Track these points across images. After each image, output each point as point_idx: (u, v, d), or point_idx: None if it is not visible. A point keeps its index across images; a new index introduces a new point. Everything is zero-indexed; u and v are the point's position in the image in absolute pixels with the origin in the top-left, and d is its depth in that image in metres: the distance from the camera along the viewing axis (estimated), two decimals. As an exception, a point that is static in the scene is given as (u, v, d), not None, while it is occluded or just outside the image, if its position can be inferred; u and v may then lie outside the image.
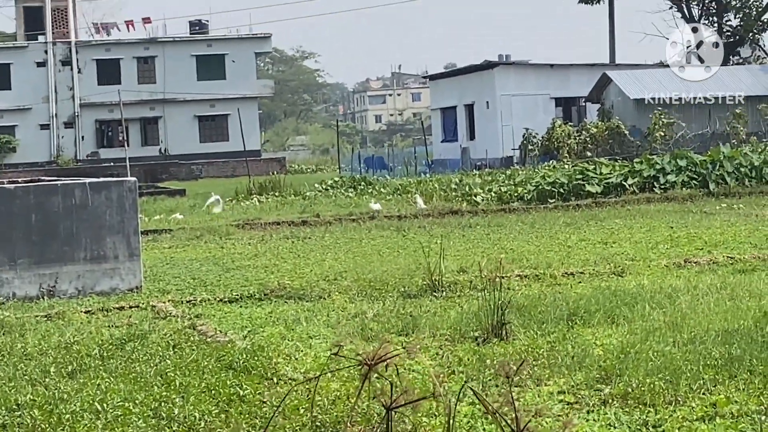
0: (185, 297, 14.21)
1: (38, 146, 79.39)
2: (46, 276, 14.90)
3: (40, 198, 14.95)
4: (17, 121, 79.66)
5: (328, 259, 18.23)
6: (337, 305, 12.80)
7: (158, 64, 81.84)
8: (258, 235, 23.73)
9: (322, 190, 37.79)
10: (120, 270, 15.26)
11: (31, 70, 79.66)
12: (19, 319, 12.38)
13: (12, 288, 14.71)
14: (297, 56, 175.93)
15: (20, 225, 14.76)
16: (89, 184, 15.24)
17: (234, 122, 71.89)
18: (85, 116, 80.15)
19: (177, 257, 20.10)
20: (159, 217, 30.21)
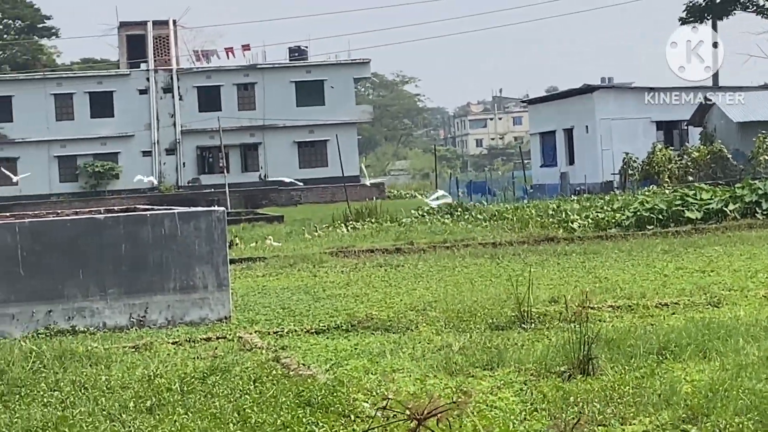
0: (273, 328, 14.14)
1: (140, 173, 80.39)
2: (136, 306, 14.94)
3: (129, 228, 15.00)
4: (120, 147, 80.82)
5: (419, 288, 18.07)
6: (423, 337, 12.63)
7: (258, 91, 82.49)
8: (351, 263, 23.64)
9: (419, 216, 37.63)
10: (209, 300, 15.25)
11: (134, 98, 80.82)
12: (107, 350, 12.39)
13: (102, 318, 14.78)
14: (397, 81, 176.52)
15: (110, 255, 14.83)
16: (178, 214, 15.26)
17: (333, 148, 72.11)
18: (186, 143, 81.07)
19: (269, 286, 20.08)
20: (253, 244, 30.31)
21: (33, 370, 11.00)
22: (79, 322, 14.60)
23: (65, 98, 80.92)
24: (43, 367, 11.19)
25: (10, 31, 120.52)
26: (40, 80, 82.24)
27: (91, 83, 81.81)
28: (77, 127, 79.90)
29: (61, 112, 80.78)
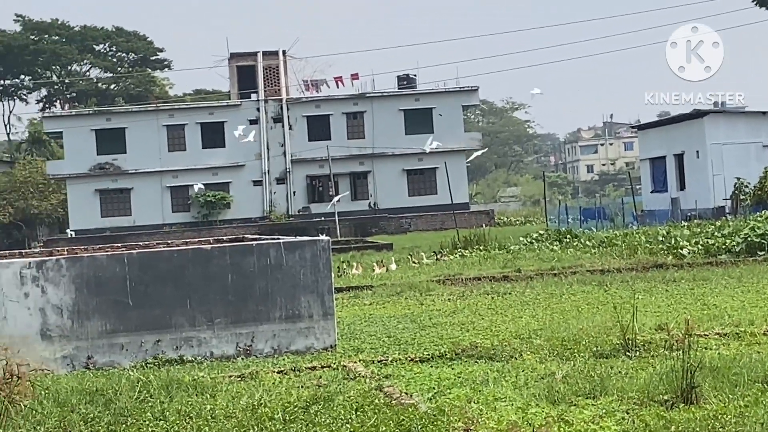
0: (377, 356, 14.18)
1: (251, 202, 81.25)
2: (242, 335, 15.10)
3: (236, 258, 15.18)
4: (231, 177, 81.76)
5: (525, 315, 18.00)
6: (527, 365, 12.58)
7: (367, 119, 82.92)
8: (458, 291, 23.62)
9: (527, 243, 37.47)
10: (314, 329, 15.35)
11: (245, 128, 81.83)
12: (213, 379, 12.53)
13: (210, 347, 14.95)
14: (507, 107, 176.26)
15: (217, 285, 15.01)
16: (284, 244, 15.41)
17: (442, 175, 72.16)
18: (296, 172, 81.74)
19: (376, 314, 20.14)
20: (359, 272, 30.50)
21: (139, 400, 11.16)
22: (187, 351, 14.80)
23: (177, 129, 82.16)
24: (150, 396, 11.35)
25: (124, 64, 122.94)
26: (153, 112, 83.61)
27: (203, 114, 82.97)
28: (189, 158, 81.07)
29: (173, 143, 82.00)
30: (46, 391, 11.27)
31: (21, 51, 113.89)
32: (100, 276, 14.77)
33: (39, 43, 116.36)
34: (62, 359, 14.49)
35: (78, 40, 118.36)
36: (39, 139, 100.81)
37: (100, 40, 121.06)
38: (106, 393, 11.37)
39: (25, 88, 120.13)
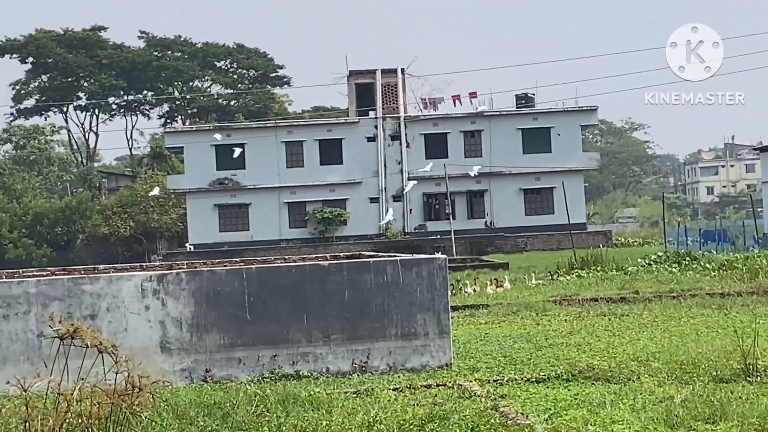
0: (493, 375, 14.13)
1: (367, 219, 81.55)
2: (358, 352, 15.15)
3: (353, 275, 15.24)
4: (348, 194, 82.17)
5: (643, 338, 17.78)
6: (645, 388, 12.42)
7: (484, 138, 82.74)
8: (575, 312, 23.43)
9: (645, 265, 37.00)
10: (430, 347, 15.35)
11: (362, 145, 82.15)
12: (329, 395, 12.58)
13: (326, 363, 15.03)
14: (626, 128, 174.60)
15: (334, 301, 15.09)
16: (401, 262, 15.44)
17: (559, 195, 71.68)
18: (412, 189, 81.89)
19: (491, 333, 20.07)
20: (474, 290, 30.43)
21: (257, 414, 11.26)
22: (303, 366, 14.89)
23: (296, 146, 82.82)
24: (267, 411, 11.44)
25: (244, 81, 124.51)
26: (272, 128, 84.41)
27: (321, 131, 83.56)
28: (307, 174, 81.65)
29: (291, 159, 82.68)
30: (166, 403, 11.42)
31: (144, 67, 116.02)
32: (218, 290, 14.95)
33: (162, 59, 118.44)
34: (181, 372, 14.68)
35: (200, 57, 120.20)
36: (160, 153, 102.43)
37: (221, 57, 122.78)
38: (224, 406, 11.50)
39: (147, 103, 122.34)
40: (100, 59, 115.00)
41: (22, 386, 9.27)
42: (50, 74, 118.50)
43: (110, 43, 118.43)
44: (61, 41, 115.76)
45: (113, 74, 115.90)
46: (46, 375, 9.65)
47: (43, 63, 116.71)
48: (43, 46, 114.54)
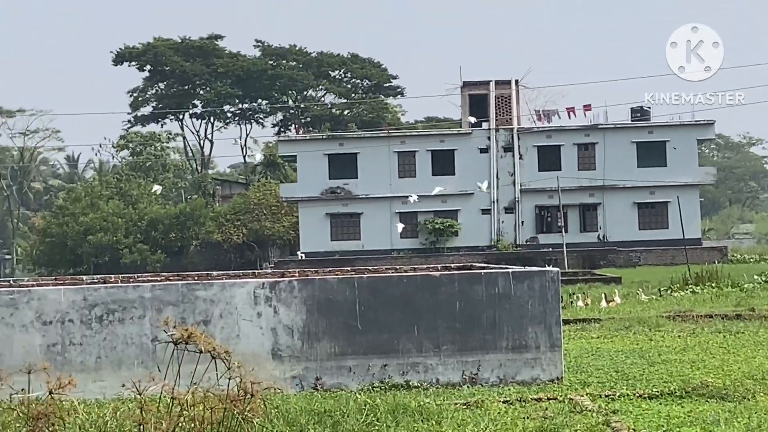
0: (605, 390, 13.97)
1: (479, 230, 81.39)
2: (468, 363, 15.10)
3: (464, 286, 15.20)
4: (460, 205, 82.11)
5: (759, 356, 17.45)
6: (760, 407, 12.18)
7: (598, 151, 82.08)
8: (689, 328, 23.09)
9: (761, 281, 36.38)
10: (541, 360, 15.24)
11: (474, 156, 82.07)
12: (439, 405, 12.55)
13: (436, 374, 15.01)
14: (743, 143, 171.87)
15: (445, 312, 15.07)
16: (512, 274, 15.36)
17: (674, 209, 70.82)
18: (524, 201, 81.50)
19: (603, 348, 19.86)
20: (586, 304, 30.17)
21: (366, 423, 11.27)
22: (413, 377, 14.89)
23: (408, 156, 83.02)
24: (377, 420, 11.44)
25: (358, 91, 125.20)
26: (385, 138, 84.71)
27: (434, 141, 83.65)
28: (418, 184, 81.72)
29: (403, 170, 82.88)
30: (277, 410, 11.49)
31: (259, 76, 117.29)
32: (330, 299, 15.01)
33: (277, 68, 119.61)
34: (291, 379, 14.77)
35: (314, 66, 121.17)
36: (274, 162, 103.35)
37: (335, 67, 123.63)
38: (334, 415, 11.53)
39: (262, 111, 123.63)
40: (216, 68, 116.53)
41: (137, 389, 9.40)
42: (167, 82, 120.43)
43: (226, 52, 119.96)
44: (178, 49, 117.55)
45: (229, 83, 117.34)
46: (160, 379, 9.76)
47: (161, 71, 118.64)
48: (161, 54, 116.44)
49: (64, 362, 14.60)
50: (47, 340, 14.88)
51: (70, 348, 14.88)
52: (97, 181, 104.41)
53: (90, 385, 14.23)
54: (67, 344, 14.89)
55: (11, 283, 18.78)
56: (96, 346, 14.89)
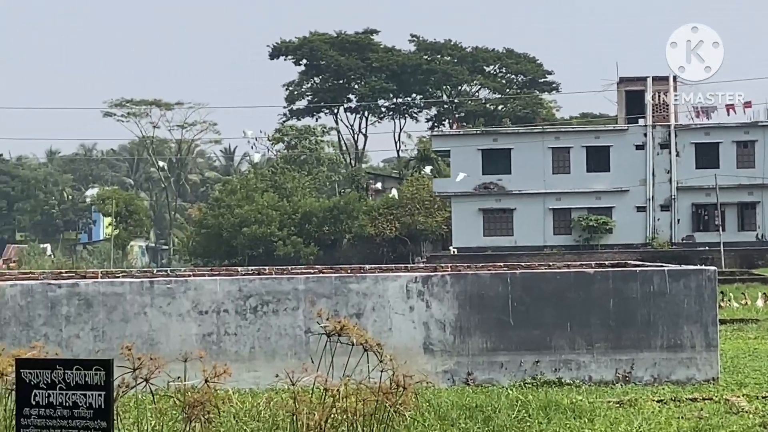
0: (762, 392, 13.69)
1: (633, 228, 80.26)
2: (621, 362, 14.94)
3: (618, 283, 15.04)
4: (614, 202, 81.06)
5: None
6: None
7: (758, 149, 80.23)
8: None
9: None
10: (696, 360, 15.01)
11: (630, 153, 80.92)
12: (592, 403, 12.46)
13: (588, 371, 14.88)
14: None
15: (598, 310, 14.93)
16: (668, 272, 15.14)
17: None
18: (681, 199, 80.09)
19: (761, 349, 19.46)
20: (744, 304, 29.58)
21: (518, 419, 11.23)
22: (565, 374, 14.78)
23: (562, 152, 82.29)
24: (528, 416, 11.40)
25: (513, 86, 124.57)
26: (539, 134, 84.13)
27: (589, 138, 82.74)
28: (573, 181, 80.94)
29: (557, 166, 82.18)
30: (428, 403, 11.53)
31: (414, 70, 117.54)
32: (482, 294, 15.00)
33: (431, 63, 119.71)
34: (443, 374, 14.79)
35: (469, 61, 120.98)
36: (427, 156, 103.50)
37: (490, 62, 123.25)
38: (485, 410, 11.52)
39: (416, 106, 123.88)
40: (371, 62, 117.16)
41: (290, 380, 9.50)
42: (322, 76, 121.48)
43: (381, 47, 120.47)
44: (334, 44, 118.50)
45: (383, 77, 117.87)
46: (312, 370, 9.86)
47: (316, 65, 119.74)
48: (317, 48, 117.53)
49: (219, 352, 14.87)
50: (203, 329, 15.17)
51: (225, 338, 15.15)
52: (253, 173, 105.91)
53: (244, 374, 14.46)
54: (222, 334, 15.16)
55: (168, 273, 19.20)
56: (250, 336, 15.12)
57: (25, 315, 15.53)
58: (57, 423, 7.79)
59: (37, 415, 7.86)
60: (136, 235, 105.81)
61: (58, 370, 7.84)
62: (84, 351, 15.30)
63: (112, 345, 15.09)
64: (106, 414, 7.68)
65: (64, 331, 15.51)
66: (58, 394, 7.80)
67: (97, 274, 19.68)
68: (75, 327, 15.50)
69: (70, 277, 18.67)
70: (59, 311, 15.51)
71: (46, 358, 8.96)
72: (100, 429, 7.68)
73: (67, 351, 15.10)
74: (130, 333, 15.19)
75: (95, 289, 15.52)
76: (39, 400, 7.85)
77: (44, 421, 7.83)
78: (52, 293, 15.57)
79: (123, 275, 19.10)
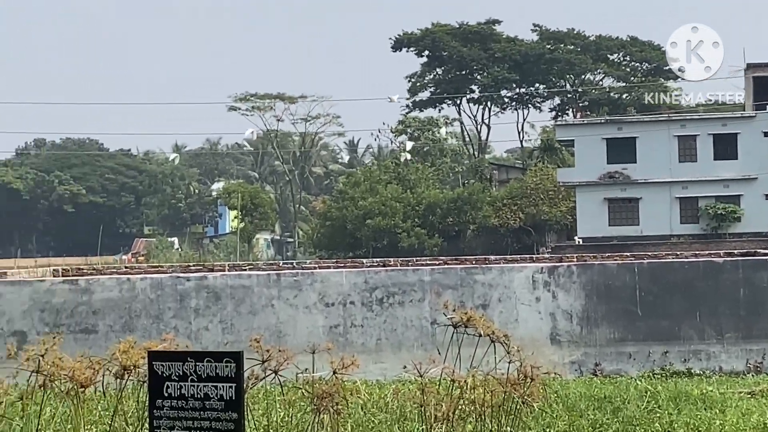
0: None
1: (763, 216, 78.69)
2: (753, 352, 14.71)
3: (748, 272, 14.80)
4: (742, 190, 79.62)
5: None
6: None
7: None
8: None
9: None
10: (831, 351, 14.69)
11: (758, 140, 79.36)
12: (723, 394, 12.27)
13: (718, 362, 14.68)
14: None
15: (727, 299, 14.71)
16: (800, 261, 14.85)
17: None
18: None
19: None
20: None
21: (647, 410, 11.11)
22: (695, 364, 14.60)
23: (688, 140, 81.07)
24: (658, 407, 11.27)
25: (637, 74, 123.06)
26: (664, 122, 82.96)
27: (716, 125, 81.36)
28: (699, 169, 79.71)
29: (684, 154, 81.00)
30: (556, 395, 11.47)
31: (537, 60, 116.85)
32: (609, 284, 14.87)
33: (554, 52, 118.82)
34: (570, 364, 14.71)
35: (592, 50, 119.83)
36: (551, 146, 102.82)
37: (614, 50, 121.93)
38: (614, 401, 11.43)
39: (539, 96, 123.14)
40: (494, 53, 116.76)
41: (418, 371, 9.53)
42: (445, 67, 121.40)
43: (504, 37, 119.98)
44: (456, 35, 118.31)
45: (506, 67, 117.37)
46: (439, 361, 9.86)
47: (438, 56, 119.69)
48: (439, 39, 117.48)
49: (346, 343, 14.97)
50: (329, 321, 15.29)
51: (351, 329, 15.26)
52: (376, 165, 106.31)
53: (371, 366, 14.54)
54: (349, 326, 15.27)
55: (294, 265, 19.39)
56: (376, 328, 15.21)
57: (156, 308, 15.81)
58: (189, 414, 7.92)
59: (170, 406, 7.99)
60: (262, 228, 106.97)
61: (189, 363, 7.97)
62: (212, 343, 15.53)
63: (240, 337, 15.29)
64: (237, 406, 7.78)
65: (194, 323, 15.76)
66: (189, 385, 7.92)
67: (225, 267, 19.97)
68: (204, 319, 15.74)
69: (198, 270, 18.99)
70: (188, 304, 15.77)
71: (177, 350, 9.11)
72: (231, 420, 7.79)
73: (196, 343, 15.35)
74: (257, 325, 15.38)
75: (223, 282, 15.74)
76: (171, 392, 7.98)
77: (176, 412, 7.96)
78: (181, 286, 15.83)
79: (250, 268, 19.34)
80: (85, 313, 16.13)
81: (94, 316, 16.08)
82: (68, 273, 24.30)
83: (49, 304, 16.25)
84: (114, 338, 14.85)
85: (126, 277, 16.77)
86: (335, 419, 9.28)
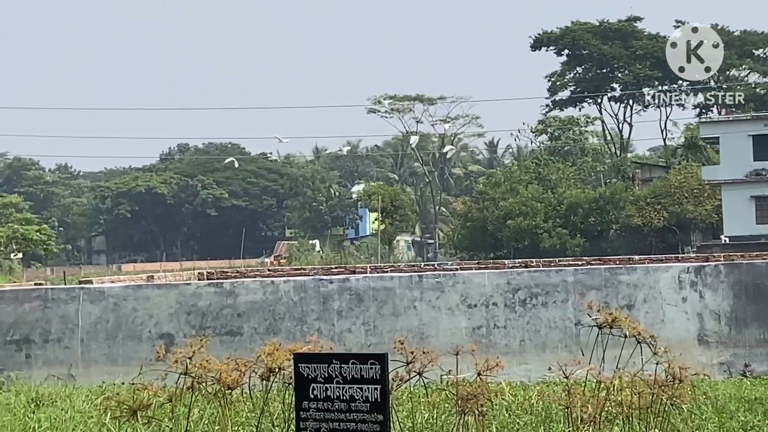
0: None
1: None
2: None
3: None
4: None
5: None
6: None
7: None
8: None
9: None
10: None
11: None
12: None
13: None
14: None
15: None
16: None
17: None
18: None
19: None
20: None
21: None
22: None
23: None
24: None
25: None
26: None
27: None
28: None
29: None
30: (705, 396, 11.24)
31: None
32: (758, 283, 14.53)
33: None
34: (719, 365, 14.41)
35: (737, 45, 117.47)
36: (695, 144, 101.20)
37: (759, 45, 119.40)
38: (765, 402, 11.15)
39: (682, 93, 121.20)
40: (635, 50, 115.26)
41: (563, 372, 9.42)
42: (585, 66, 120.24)
43: (645, 34, 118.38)
44: (596, 33, 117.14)
45: (648, 65, 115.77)
46: (584, 363, 9.74)
47: (578, 55, 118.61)
48: (579, 38, 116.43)
49: (489, 345, 14.90)
50: (472, 322, 15.23)
51: (494, 331, 15.17)
52: (516, 165, 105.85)
53: (515, 367, 14.44)
54: (492, 327, 15.19)
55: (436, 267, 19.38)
56: (520, 329, 15.10)
57: (299, 310, 15.94)
58: (335, 416, 7.95)
59: (316, 408, 8.03)
60: (402, 230, 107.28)
61: (334, 365, 7.99)
62: (356, 345, 15.59)
63: (383, 339, 15.32)
64: (382, 407, 7.78)
65: (337, 325, 15.85)
66: (335, 387, 7.95)
67: (366, 269, 20.06)
68: (347, 321, 15.81)
69: (340, 272, 19.10)
70: (331, 306, 15.86)
71: (322, 352, 9.14)
72: (377, 422, 7.79)
73: (339, 345, 15.42)
74: (400, 327, 15.39)
75: (366, 284, 15.78)
76: (317, 394, 8.02)
77: (323, 414, 8.00)
78: (324, 288, 15.92)
79: (392, 270, 19.40)
80: (230, 315, 16.34)
81: (239, 318, 16.28)
82: (213, 276, 24.69)
83: (195, 307, 16.50)
84: (258, 340, 15.02)
85: (270, 280, 16.93)
86: (480, 421, 9.21)
